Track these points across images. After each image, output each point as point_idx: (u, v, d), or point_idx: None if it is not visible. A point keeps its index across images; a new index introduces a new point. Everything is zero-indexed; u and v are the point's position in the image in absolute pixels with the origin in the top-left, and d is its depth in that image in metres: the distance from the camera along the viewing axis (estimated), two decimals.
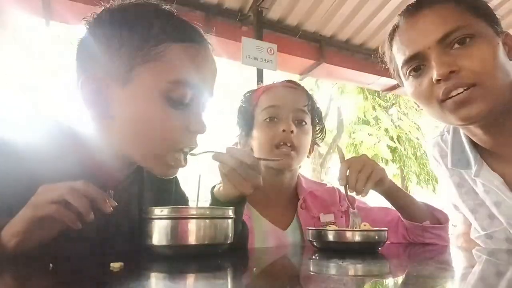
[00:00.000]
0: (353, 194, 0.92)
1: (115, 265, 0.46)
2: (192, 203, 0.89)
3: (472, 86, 0.75)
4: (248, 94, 1.18)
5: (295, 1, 3.14)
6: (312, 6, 3.19)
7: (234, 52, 3.08)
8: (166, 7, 0.70)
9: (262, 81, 3.09)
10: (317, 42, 3.60)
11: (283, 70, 4.05)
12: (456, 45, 0.77)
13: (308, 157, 1.14)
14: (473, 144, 0.91)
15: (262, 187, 1.06)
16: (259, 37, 3.06)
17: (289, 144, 1.04)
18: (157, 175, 0.71)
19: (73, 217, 0.54)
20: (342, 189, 1.14)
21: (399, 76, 0.91)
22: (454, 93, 0.76)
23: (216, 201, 0.77)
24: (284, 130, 1.03)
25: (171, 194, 0.87)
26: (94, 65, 0.66)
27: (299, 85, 1.17)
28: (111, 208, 0.57)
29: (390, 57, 0.92)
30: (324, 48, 3.61)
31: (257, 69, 3.01)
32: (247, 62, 2.90)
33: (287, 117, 1.06)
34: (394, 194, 1.00)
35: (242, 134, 1.15)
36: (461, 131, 0.93)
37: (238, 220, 0.79)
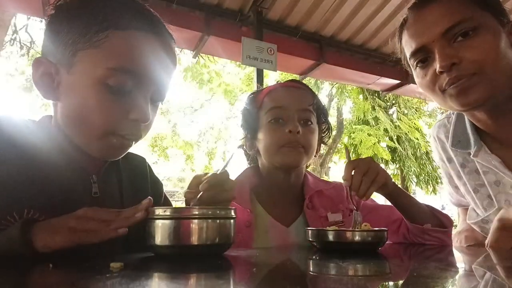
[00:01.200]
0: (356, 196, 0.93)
1: (115, 265, 0.46)
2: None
3: (473, 75, 0.80)
4: (252, 96, 1.17)
5: (295, 1, 3.14)
6: (312, 6, 3.19)
7: (234, 52, 3.08)
8: None
9: (262, 81, 3.09)
10: (317, 42, 3.60)
11: (283, 71, 4.05)
12: (459, 38, 0.81)
13: (315, 156, 1.14)
14: (475, 129, 0.95)
15: (268, 185, 1.07)
16: (259, 37, 3.06)
17: (297, 143, 1.04)
18: (98, 157, 0.72)
19: (113, 232, 0.58)
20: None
21: (409, 65, 0.95)
22: (456, 84, 0.81)
23: None
24: (290, 131, 1.03)
25: (147, 180, 0.89)
26: (47, 50, 0.69)
27: (303, 84, 1.17)
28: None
29: (400, 49, 0.97)
30: (324, 48, 3.61)
31: (257, 69, 3.01)
32: (247, 62, 2.90)
33: (293, 118, 1.05)
34: (397, 197, 1.00)
35: (248, 137, 1.15)
36: (466, 116, 0.97)
37: None
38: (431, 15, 0.84)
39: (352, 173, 0.90)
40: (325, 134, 1.19)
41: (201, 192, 0.70)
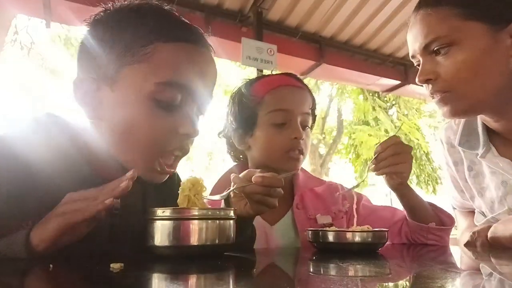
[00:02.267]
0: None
1: (115, 266, 0.46)
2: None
3: (446, 92, 0.83)
4: (249, 87, 1.10)
5: (295, 2, 3.14)
6: (312, 7, 3.19)
7: (234, 52, 3.08)
8: (165, 7, 0.69)
9: None
10: (317, 43, 3.61)
11: (283, 71, 4.05)
12: (440, 52, 0.83)
13: None
14: (486, 129, 0.95)
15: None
16: (259, 37, 3.06)
17: (298, 149, 1.03)
18: (143, 179, 0.69)
19: (100, 205, 0.56)
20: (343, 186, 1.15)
21: None
22: (433, 98, 0.87)
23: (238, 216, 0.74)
24: (296, 138, 1.01)
25: (175, 194, 0.87)
26: (88, 66, 0.66)
27: (302, 82, 1.14)
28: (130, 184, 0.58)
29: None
30: (324, 48, 3.62)
31: (257, 69, 3.01)
32: (247, 63, 2.91)
33: (296, 122, 1.03)
34: (406, 193, 1.00)
35: (239, 132, 1.08)
36: (478, 116, 0.97)
37: (250, 226, 0.81)
38: (415, 28, 0.86)
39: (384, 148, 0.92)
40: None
41: (248, 184, 0.69)
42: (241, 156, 1.18)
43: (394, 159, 0.91)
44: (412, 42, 0.88)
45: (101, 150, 0.68)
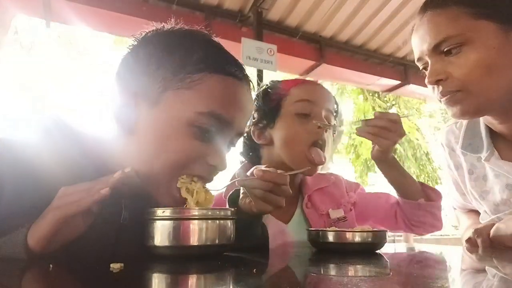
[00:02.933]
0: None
1: (115, 266, 0.46)
2: None
3: (457, 92, 0.82)
4: (275, 83, 1.13)
5: (295, 2, 3.15)
6: (312, 7, 3.20)
7: (234, 53, 3.07)
8: (215, 38, 0.70)
9: (262, 82, 3.09)
10: (317, 43, 3.61)
11: (283, 71, 4.05)
12: (450, 52, 0.81)
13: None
14: (489, 131, 0.95)
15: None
16: (259, 38, 3.07)
17: (320, 142, 1.03)
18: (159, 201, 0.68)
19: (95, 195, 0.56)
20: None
21: None
22: (443, 98, 0.85)
23: (243, 214, 0.74)
24: (320, 127, 1.01)
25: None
26: (130, 80, 0.67)
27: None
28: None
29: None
30: (324, 49, 3.62)
31: (257, 69, 3.01)
32: (247, 63, 2.91)
33: (320, 114, 1.04)
34: (392, 166, 1.03)
35: (260, 126, 1.08)
36: (481, 119, 0.97)
37: (258, 225, 0.80)
38: (423, 28, 0.85)
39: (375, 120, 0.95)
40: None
41: (248, 178, 0.69)
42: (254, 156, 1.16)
43: (382, 130, 0.94)
44: (419, 43, 0.86)
45: (109, 156, 0.68)
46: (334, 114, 1.10)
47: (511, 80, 0.81)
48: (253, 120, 1.10)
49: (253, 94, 0.74)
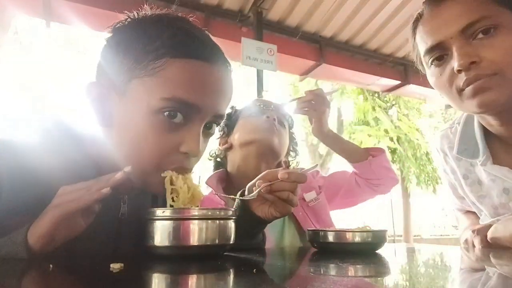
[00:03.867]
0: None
1: (115, 266, 0.46)
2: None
3: (493, 75, 0.76)
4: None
5: (295, 2, 3.14)
6: (312, 7, 3.20)
7: (234, 53, 3.08)
8: (187, 20, 0.68)
9: (262, 82, 3.09)
10: (317, 43, 3.61)
11: (283, 71, 4.05)
12: (479, 36, 0.77)
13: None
14: (485, 135, 0.93)
15: (240, 179, 1.20)
16: (259, 38, 3.06)
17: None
18: (154, 192, 0.69)
19: (95, 194, 0.56)
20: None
21: (421, 64, 0.91)
22: (474, 84, 0.77)
23: (256, 220, 0.76)
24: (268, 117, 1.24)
25: None
26: (101, 73, 0.66)
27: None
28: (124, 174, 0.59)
29: (413, 45, 0.92)
30: (324, 49, 3.62)
31: (257, 70, 3.01)
32: (247, 63, 2.91)
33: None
34: (337, 140, 1.23)
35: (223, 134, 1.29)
36: (475, 122, 0.94)
37: (263, 229, 0.82)
38: (449, 11, 0.80)
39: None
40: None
41: (274, 182, 0.71)
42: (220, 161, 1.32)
43: (311, 104, 1.15)
44: (440, 27, 0.80)
45: (110, 155, 0.68)
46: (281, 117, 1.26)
47: None
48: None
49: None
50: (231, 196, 0.78)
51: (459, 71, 0.77)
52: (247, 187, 0.79)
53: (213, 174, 1.24)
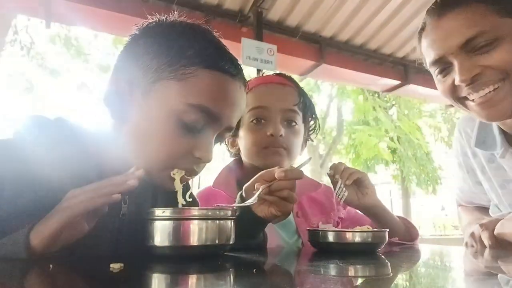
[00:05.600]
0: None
1: (115, 266, 0.46)
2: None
3: (501, 82, 0.78)
4: None
5: (295, 2, 3.15)
6: (312, 7, 3.20)
7: (234, 52, 3.06)
8: (215, 34, 0.71)
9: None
10: (317, 43, 3.61)
11: (283, 71, 4.05)
12: (480, 49, 0.78)
13: (300, 154, 1.12)
14: (502, 129, 0.93)
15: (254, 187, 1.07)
16: (259, 38, 3.06)
17: (279, 146, 1.01)
18: (154, 184, 0.70)
19: (105, 199, 0.57)
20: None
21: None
22: (481, 93, 0.80)
23: (257, 220, 0.76)
24: (272, 135, 1.00)
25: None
26: (126, 69, 0.68)
27: (289, 79, 1.12)
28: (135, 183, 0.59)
29: (421, 52, 0.94)
30: (324, 49, 3.62)
31: (257, 70, 3.01)
32: (247, 63, 2.91)
33: (275, 119, 1.02)
34: (378, 211, 0.99)
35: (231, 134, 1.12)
36: None
37: (263, 229, 0.82)
38: (449, 25, 0.81)
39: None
40: (311, 132, 1.15)
41: (273, 182, 0.72)
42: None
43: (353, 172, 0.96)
44: (441, 42, 0.82)
45: (113, 151, 0.69)
46: (298, 109, 1.06)
47: None
48: None
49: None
50: (230, 206, 0.75)
51: (460, 85, 0.81)
52: (244, 188, 0.78)
53: (221, 171, 1.12)
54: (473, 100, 0.82)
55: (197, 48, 0.65)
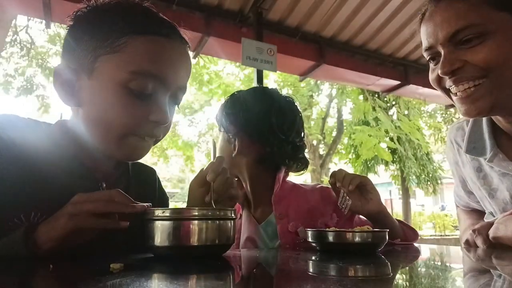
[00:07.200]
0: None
1: (115, 266, 0.46)
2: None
3: (483, 79, 0.78)
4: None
5: (295, 2, 3.14)
6: (312, 7, 3.19)
7: (234, 53, 3.08)
8: (144, 3, 0.73)
9: (262, 82, 3.09)
10: (317, 43, 3.61)
11: (283, 71, 4.06)
12: (468, 42, 0.78)
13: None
14: (493, 131, 0.93)
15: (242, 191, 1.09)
16: (259, 38, 3.06)
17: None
18: (119, 159, 0.75)
19: (113, 224, 0.60)
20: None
21: None
22: (460, 87, 0.80)
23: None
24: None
25: (155, 191, 0.91)
26: (69, 57, 0.70)
27: None
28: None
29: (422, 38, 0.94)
30: (324, 49, 3.62)
31: (257, 70, 3.01)
32: (247, 63, 2.91)
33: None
34: (382, 217, 0.97)
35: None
36: (484, 118, 0.95)
37: None
38: (443, 14, 0.81)
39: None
40: None
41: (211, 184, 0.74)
42: None
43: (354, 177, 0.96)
44: (433, 31, 0.82)
45: (82, 136, 0.72)
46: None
47: None
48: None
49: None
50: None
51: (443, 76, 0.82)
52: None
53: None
54: (455, 93, 0.82)
55: (126, 19, 0.68)
